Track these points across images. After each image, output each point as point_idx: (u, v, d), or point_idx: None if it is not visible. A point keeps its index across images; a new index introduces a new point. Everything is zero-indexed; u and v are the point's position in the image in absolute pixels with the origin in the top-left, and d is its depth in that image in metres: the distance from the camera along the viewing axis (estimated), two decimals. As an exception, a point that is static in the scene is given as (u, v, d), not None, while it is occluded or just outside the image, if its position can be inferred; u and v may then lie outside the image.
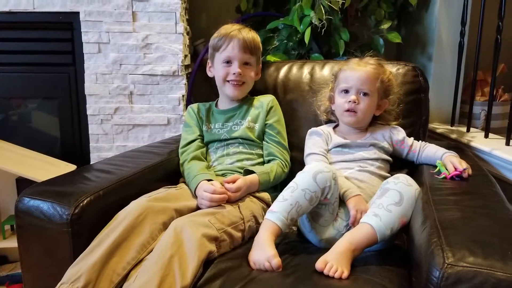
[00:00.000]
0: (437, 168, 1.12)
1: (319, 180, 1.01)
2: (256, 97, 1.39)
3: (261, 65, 1.41)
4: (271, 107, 1.34)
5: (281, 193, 1.04)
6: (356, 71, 1.21)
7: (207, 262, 0.94)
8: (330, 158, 1.23)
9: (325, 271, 0.88)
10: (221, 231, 0.98)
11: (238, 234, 1.04)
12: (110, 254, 0.91)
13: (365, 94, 1.20)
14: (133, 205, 1.00)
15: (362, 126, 1.26)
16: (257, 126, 1.32)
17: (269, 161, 1.30)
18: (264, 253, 0.93)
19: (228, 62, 1.29)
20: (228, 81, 1.30)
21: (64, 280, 0.87)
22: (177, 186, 1.22)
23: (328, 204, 1.06)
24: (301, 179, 1.03)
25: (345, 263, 0.90)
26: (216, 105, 1.41)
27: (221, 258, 0.98)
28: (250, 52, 1.30)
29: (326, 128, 1.29)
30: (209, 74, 1.38)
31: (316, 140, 1.26)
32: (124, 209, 1.00)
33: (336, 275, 0.87)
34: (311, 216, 1.08)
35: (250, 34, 1.31)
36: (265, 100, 1.35)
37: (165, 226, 0.99)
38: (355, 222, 1.02)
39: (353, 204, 1.06)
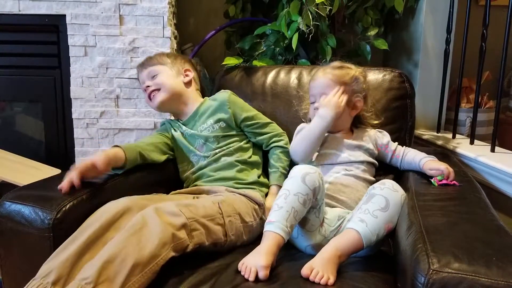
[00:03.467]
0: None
1: (308, 181, 1.00)
2: (209, 97, 1.40)
3: (187, 63, 1.42)
4: (229, 104, 1.33)
5: (274, 202, 1.02)
6: (315, 80, 1.26)
7: (188, 258, 0.91)
8: (317, 158, 1.23)
9: (311, 278, 0.87)
10: (191, 220, 0.95)
11: (216, 227, 1.01)
12: (83, 250, 0.89)
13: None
14: (113, 203, 0.99)
15: (340, 128, 1.26)
16: (223, 121, 1.32)
17: (270, 148, 1.34)
18: (257, 260, 0.91)
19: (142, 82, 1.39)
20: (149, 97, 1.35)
21: (36, 276, 0.86)
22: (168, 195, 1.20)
23: (315, 208, 1.05)
24: (291, 185, 1.02)
25: (331, 269, 0.89)
26: (179, 120, 1.41)
27: (207, 265, 0.96)
28: (151, 64, 1.37)
29: None
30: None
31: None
32: (103, 206, 0.98)
33: (322, 282, 0.86)
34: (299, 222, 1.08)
35: (148, 58, 1.42)
36: (220, 98, 1.35)
37: None
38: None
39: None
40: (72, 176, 1.01)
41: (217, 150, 1.29)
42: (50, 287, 0.83)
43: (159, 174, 1.28)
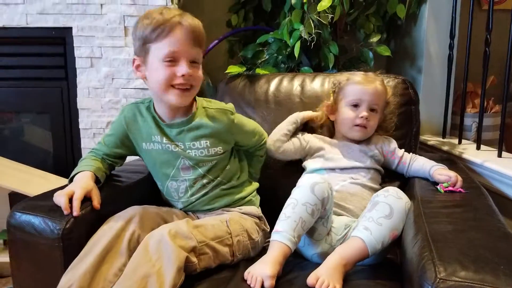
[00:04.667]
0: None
1: (317, 192, 1.00)
2: (208, 107, 1.12)
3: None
4: (233, 130, 1.14)
5: (282, 211, 1.01)
6: (368, 86, 1.21)
7: (191, 277, 0.92)
8: (323, 162, 1.23)
9: (317, 287, 0.87)
10: (202, 244, 0.94)
11: (224, 249, 1.00)
12: (100, 261, 0.90)
13: (374, 110, 1.21)
14: (124, 211, 1.00)
15: (365, 138, 1.26)
16: (221, 150, 1.12)
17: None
18: (263, 269, 0.91)
19: (173, 60, 1.00)
20: (172, 86, 1.01)
21: None
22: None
23: (323, 218, 1.05)
24: (299, 194, 1.01)
25: (337, 278, 0.89)
26: (156, 112, 1.11)
27: (213, 276, 0.96)
28: (199, 44, 1.03)
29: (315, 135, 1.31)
30: (137, 74, 1.07)
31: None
32: (113, 215, 0.99)
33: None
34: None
35: (195, 20, 1.03)
36: (224, 122, 1.11)
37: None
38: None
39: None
40: (75, 203, 0.95)
41: (209, 177, 1.12)
42: None
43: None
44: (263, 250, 1.12)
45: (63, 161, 1.81)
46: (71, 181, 1.06)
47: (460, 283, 0.66)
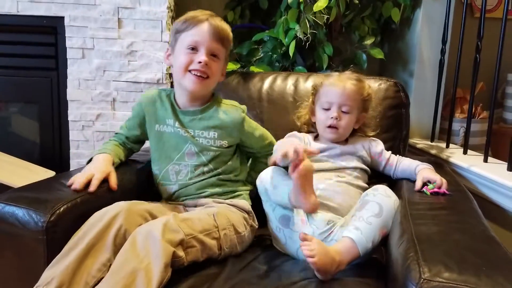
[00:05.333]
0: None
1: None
2: (223, 103, 1.21)
3: (227, 65, 1.24)
4: (242, 128, 1.20)
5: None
6: (338, 87, 1.22)
7: (179, 272, 0.91)
8: None
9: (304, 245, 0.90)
10: (189, 237, 0.94)
11: (211, 242, 1.00)
12: (84, 256, 0.89)
13: (346, 111, 1.22)
14: (109, 207, 0.99)
15: (342, 139, 1.27)
16: (226, 144, 1.18)
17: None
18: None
19: (194, 48, 1.11)
20: (190, 71, 1.11)
21: (38, 283, 0.86)
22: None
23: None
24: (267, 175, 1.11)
25: (325, 260, 0.90)
26: (175, 100, 1.20)
27: (201, 272, 0.96)
28: (221, 42, 1.14)
29: (305, 135, 1.31)
30: (166, 62, 1.21)
31: (293, 136, 1.28)
32: (99, 211, 0.98)
33: (307, 254, 0.89)
34: (282, 223, 1.09)
35: (222, 23, 1.16)
36: (235, 117, 1.19)
37: None
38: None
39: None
40: (94, 181, 1.04)
41: (210, 166, 1.17)
42: None
43: (148, 173, 1.25)
44: (249, 248, 1.12)
45: (50, 153, 1.79)
46: (89, 161, 1.16)
47: (444, 284, 0.67)
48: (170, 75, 1.80)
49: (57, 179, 1.13)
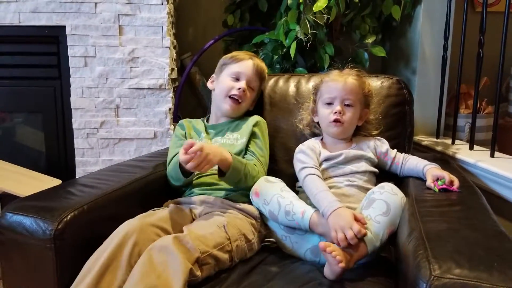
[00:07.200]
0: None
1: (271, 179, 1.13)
2: (247, 117, 1.38)
3: (257, 97, 1.42)
4: (256, 122, 1.33)
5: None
6: (339, 82, 1.22)
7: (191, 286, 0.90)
8: (322, 174, 1.22)
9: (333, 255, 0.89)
10: (204, 254, 0.94)
11: (224, 256, 1.00)
12: (100, 277, 0.88)
13: (349, 105, 1.21)
14: (121, 226, 0.98)
15: (347, 136, 1.27)
16: (243, 140, 1.30)
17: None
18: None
19: (237, 78, 1.34)
20: (230, 96, 1.32)
21: None
22: (163, 207, 1.18)
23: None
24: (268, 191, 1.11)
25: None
26: (207, 120, 1.42)
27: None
28: (259, 77, 1.37)
29: (313, 143, 1.29)
30: (209, 86, 1.41)
31: (308, 154, 1.23)
32: (111, 234, 0.97)
33: (339, 260, 0.88)
34: (287, 231, 1.09)
35: (262, 63, 1.41)
36: (253, 118, 1.35)
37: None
38: (340, 243, 0.94)
39: (331, 223, 0.98)
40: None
41: None
42: None
43: (154, 179, 1.26)
44: (256, 255, 1.11)
45: (55, 162, 1.80)
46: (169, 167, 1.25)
47: (455, 281, 0.67)
48: (172, 80, 1.80)
49: (63, 187, 1.13)
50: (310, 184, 1.10)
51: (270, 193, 1.10)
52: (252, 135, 1.31)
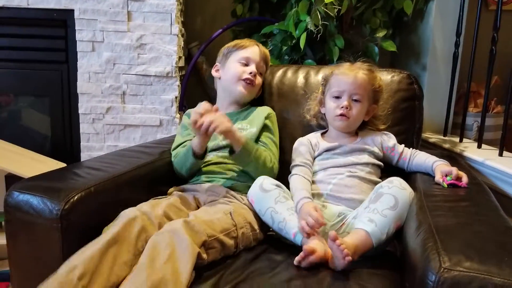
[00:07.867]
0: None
1: (266, 186, 1.12)
2: (256, 107, 1.40)
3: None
4: (268, 114, 1.34)
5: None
6: (349, 76, 1.20)
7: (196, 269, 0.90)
8: (320, 164, 1.22)
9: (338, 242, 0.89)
10: (211, 238, 0.94)
11: (230, 242, 1.00)
12: (107, 247, 0.87)
13: (357, 100, 1.20)
14: (128, 209, 0.98)
15: (351, 130, 1.26)
16: (254, 130, 1.30)
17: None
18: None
19: (245, 64, 1.35)
20: (242, 80, 1.33)
21: (57, 272, 0.83)
22: (167, 196, 1.18)
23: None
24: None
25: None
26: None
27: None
28: (265, 62, 1.41)
29: (313, 136, 1.29)
30: (215, 74, 1.42)
31: (300, 151, 1.24)
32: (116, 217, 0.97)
33: (346, 254, 0.88)
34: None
35: (266, 49, 1.44)
36: (264, 110, 1.37)
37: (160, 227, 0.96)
38: (304, 228, 0.98)
39: (299, 216, 1.03)
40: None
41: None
42: (76, 281, 0.81)
43: (160, 166, 1.26)
44: (263, 241, 1.11)
45: (61, 146, 1.80)
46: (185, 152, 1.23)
47: (465, 273, 0.66)
48: (179, 68, 1.79)
49: (70, 169, 1.13)
50: (292, 184, 1.16)
51: (264, 205, 1.09)
52: (264, 128, 1.32)
